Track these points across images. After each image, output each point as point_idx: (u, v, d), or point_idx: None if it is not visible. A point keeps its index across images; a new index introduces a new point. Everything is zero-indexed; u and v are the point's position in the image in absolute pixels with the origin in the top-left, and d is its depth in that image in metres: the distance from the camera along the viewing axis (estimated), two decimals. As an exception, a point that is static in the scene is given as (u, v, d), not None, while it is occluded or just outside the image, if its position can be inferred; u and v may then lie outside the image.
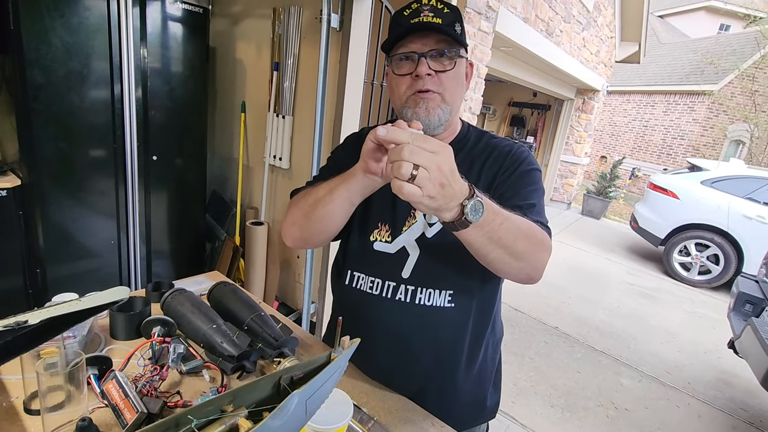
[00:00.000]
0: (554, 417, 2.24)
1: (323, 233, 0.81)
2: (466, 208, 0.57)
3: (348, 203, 0.74)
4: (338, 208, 0.74)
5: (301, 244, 0.85)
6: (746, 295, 2.59)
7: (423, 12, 0.75)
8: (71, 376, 0.64)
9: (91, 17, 1.79)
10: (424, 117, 0.77)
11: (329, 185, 0.74)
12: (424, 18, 0.74)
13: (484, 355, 0.91)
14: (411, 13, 0.76)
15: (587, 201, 7.50)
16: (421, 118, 0.77)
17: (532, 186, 0.81)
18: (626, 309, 3.84)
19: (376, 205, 0.86)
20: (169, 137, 2.23)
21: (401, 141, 0.52)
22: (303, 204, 0.80)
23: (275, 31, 2.28)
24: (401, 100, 0.80)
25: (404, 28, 0.76)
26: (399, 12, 0.79)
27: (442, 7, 0.76)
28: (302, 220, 0.79)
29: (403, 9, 0.78)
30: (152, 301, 0.99)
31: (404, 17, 0.77)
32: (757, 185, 4.51)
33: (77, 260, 2.03)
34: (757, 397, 2.71)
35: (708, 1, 16.19)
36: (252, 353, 0.82)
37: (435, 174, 0.52)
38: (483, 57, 3.12)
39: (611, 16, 6.14)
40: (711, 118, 10.59)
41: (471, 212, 0.58)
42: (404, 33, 0.76)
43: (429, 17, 0.74)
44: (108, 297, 0.66)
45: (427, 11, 0.75)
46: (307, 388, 0.42)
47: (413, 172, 0.51)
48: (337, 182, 0.73)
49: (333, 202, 0.73)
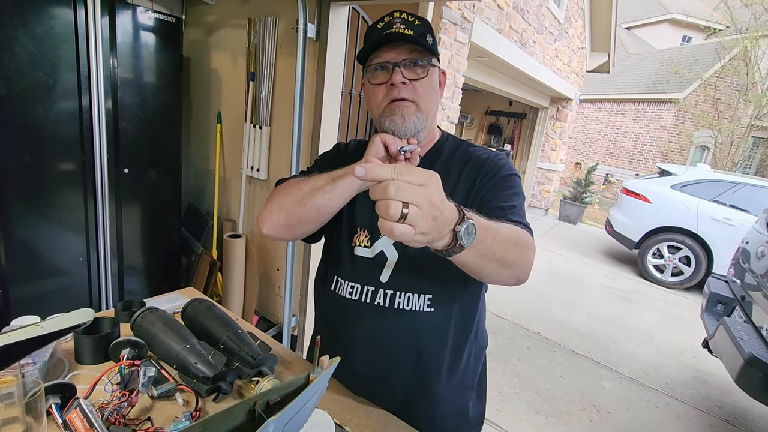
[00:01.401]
0: (539, 423, 2.25)
1: (312, 222, 0.81)
2: (459, 233, 0.54)
3: (349, 194, 0.76)
4: (339, 198, 0.76)
5: (282, 232, 0.81)
6: (717, 296, 2.67)
7: (395, 24, 0.78)
8: (29, 406, 0.59)
9: (57, 26, 1.73)
10: (400, 124, 0.79)
11: (330, 176, 0.76)
12: (396, 29, 0.78)
13: (466, 363, 0.90)
14: (384, 25, 0.80)
15: (564, 206, 7.66)
16: (397, 125, 0.79)
17: (511, 189, 0.82)
18: (604, 312, 3.91)
19: (355, 211, 0.86)
20: (141, 149, 2.16)
21: (384, 178, 0.47)
22: (297, 191, 0.78)
23: (251, 41, 2.26)
24: (379, 109, 0.82)
25: (377, 39, 0.79)
26: (373, 25, 0.82)
27: (413, 19, 0.80)
28: (294, 206, 0.77)
29: (377, 22, 0.82)
30: (121, 322, 0.95)
31: (377, 30, 0.80)
32: (722, 188, 4.70)
33: (43, 279, 1.93)
34: (731, 394, 2.79)
35: (671, 14, 17.00)
36: (228, 373, 0.79)
37: (426, 209, 0.48)
38: (460, 67, 3.17)
39: (581, 27, 6.36)
40: (677, 125, 11.05)
41: (465, 236, 0.55)
42: (378, 44, 0.80)
43: (401, 29, 0.78)
44: (71, 320, 0.62)
45: (399, 23, 0.78)
46: (284, 414, 0.40)
47: (403, 210, 0.46)
48: (340, 173, 0.75)
49: (335, 191, 0.75)
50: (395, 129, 0.80)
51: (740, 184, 4.66)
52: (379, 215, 0.48)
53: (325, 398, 0.84)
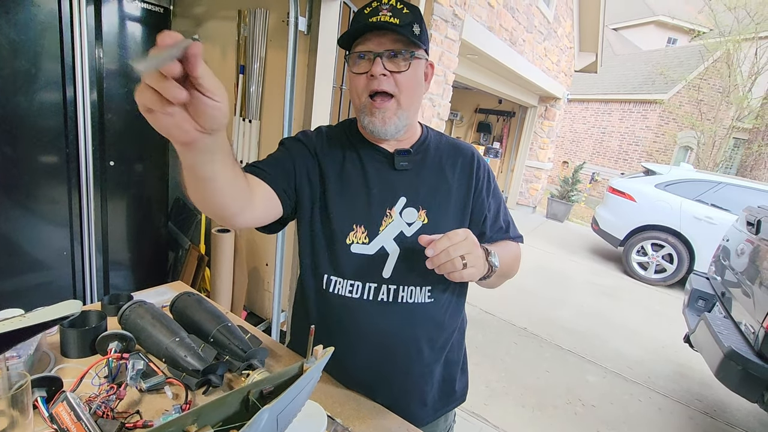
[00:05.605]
0: (525, 417, 2.28)
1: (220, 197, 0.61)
2: (492, 261, 0.75)
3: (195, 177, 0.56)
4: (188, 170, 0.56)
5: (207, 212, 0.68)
6: (699, 292, 2.74)
7: (382, 11, 0.74)
8: (15, 400, 0.58)
9: (40, 14, 1.69)
10: (380, 126, 0.79)
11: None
12: (382, 17, 0.74)
13: (454, 340, 0.93)
14: (370, 11, 0.76)
15: (551, 204, 7.76)
16: (377, 127, 0.79)
17: (502, 204, 0.94)
18: (590, 308, 3.98)
19: (347, 207, 0.83)
20: (127, 142, 2.12)
21: (444, 247, 0.66)
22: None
23: (240, 33, 2.23)
24: (359, 99, 0.80)
25: (361, 25, 0.76)
26: (360, 10, 0.79)
27: (402, 7, 0.75)
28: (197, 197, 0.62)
29: (364, 7, 0.78)
30: (109, 315, 0.93)
31: (363, 15, 0.76)
32: (705, 188, 4.81)
33: (26, 273, 1.89)
34: (711, 387, 2.87)
35: (657, 16, 17.28)
36: (218, 366, 0.78)
37: (476, 252, 0.69)
38: (450, 64, 3.18)
39: (570, 27, 6.42)
40: (662, 125, 11.26)
41: (496, 261, 0.76)
42: (360, 31, 0.76)
43: (387, 17, 0.74)
44: (57, 312, 0.61)
45: (386, 11, 0.74)
46: (277, 403, 0.40)
47: (464, 261, 0.66)
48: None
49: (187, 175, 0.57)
50: (374, 130, 0.80)
51: (721, 183, 4.77)
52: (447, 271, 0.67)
53: (316, 391, 0.84)
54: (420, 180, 0.85)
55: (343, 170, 0.85)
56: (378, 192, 0.83)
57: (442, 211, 0.84)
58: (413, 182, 0.85)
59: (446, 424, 1.00)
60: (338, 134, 0.90)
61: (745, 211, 2.65)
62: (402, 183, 0.84)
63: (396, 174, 0.85)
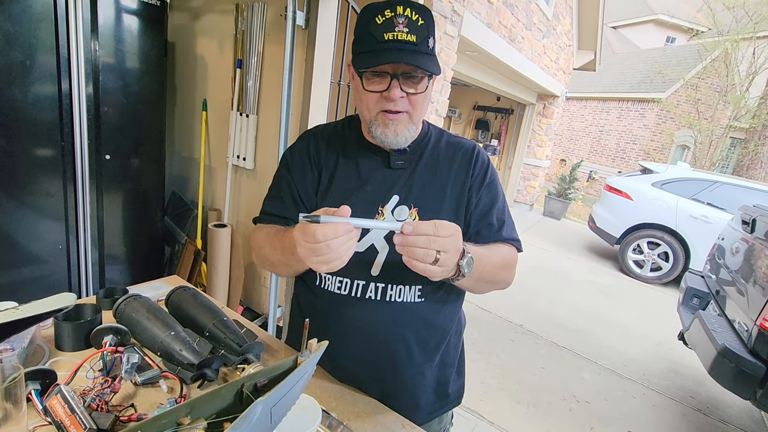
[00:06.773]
0: (521, 413, 2.29)
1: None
2: (462, 266, 0.68)
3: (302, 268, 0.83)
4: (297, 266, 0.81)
5: None
6: (693, 290, 2.75)
7: (398, 26, 0.70)
8: (8, 392, 0.58)
9: (35, 5, 1.67)
10: (392, 137, 0.79)
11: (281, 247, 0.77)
12: (399, 35, 0.70)
13: (449, 342, 0.93)
14: (384, 22, 0.70)
15: (548, 202, 7.77)
16: (389, 138, 0.79)
17: (500, 201, 0.89)
18: (586, 306, 4.00)
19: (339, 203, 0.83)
20: (123, 136, 2.11)
21: (427, 233, 0.61)
22: (263, 261, 0.87)
23: (238, 27, 2.22)
24: (370, 113, 0.79)
25: (378, 48, 0.71)
26: (371, 18, 0.72)
27: (417, 18, 0.71)
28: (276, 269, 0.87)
29: (376, 14, 0.71)
30: (104, 309, 0.93)
31: (377, 27, 0.71)
32: (701, 187, 4.83)
33: (20, 267, 1.87)
34: (704, 385, 2.89)
35: (656, 15, 17.28)
36: (213, 360, 0.78)
37: (453, 255, 0.64)
38: (449, 60, 3.17)
39: (569, 25, 6.41)
40: (659, 124, 11.29)
41: (466, 267, 0.69)
42: (378, 55, 0.71)
43: (404, 34, 0.70)
44: (51, 304, 0.61)
45: (402, 25, 0.70)
46: (271, 396, 0.40)
47: (437, 256, 0.61)
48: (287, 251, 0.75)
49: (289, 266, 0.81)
50: (386, 141, 0.79)
51: (717, 182, 4.80)
52: (413, 258, 0.62)
53: (311, 385, 0.84)
54: (414, 178, 0.85)
55: (338, 168, 0.86)
56: (372, 189, 0.83)
57: (435, 210, 0.84)
58: (407, 181, 0.84)
59: (440, 426, 0.99)
60: (336, 133, 0.91)
61: (741, 210, 2.66)
62: (396, 181, 0.84)
63: (391, 172, 0.85)
